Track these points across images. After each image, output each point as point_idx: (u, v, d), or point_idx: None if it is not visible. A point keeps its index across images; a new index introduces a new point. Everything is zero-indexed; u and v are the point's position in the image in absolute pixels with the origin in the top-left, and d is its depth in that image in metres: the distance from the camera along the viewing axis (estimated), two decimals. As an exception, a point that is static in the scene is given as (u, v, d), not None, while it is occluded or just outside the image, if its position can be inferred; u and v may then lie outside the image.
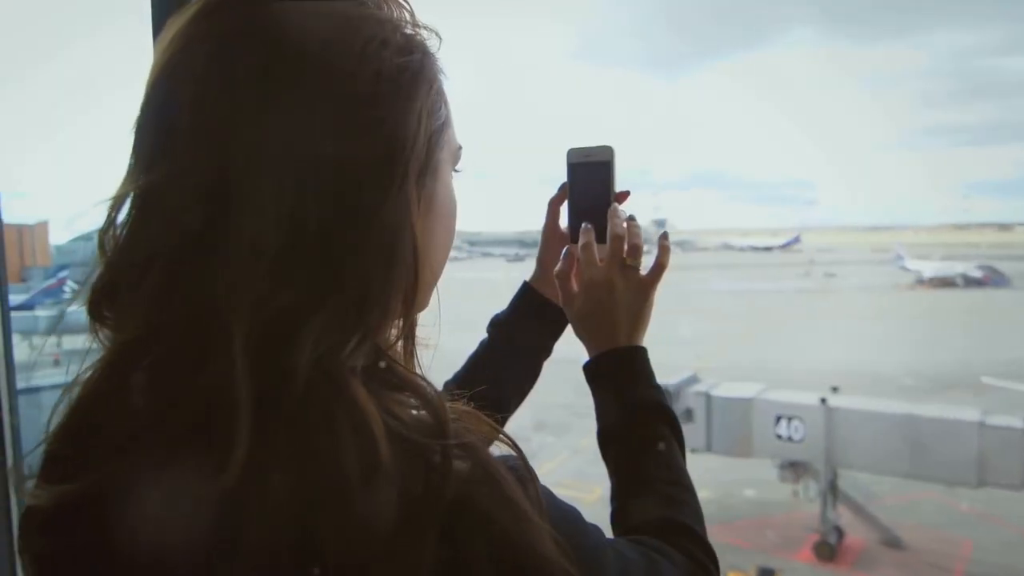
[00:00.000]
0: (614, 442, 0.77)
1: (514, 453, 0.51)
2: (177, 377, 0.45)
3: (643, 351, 0.81)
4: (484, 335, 0.94)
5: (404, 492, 0.42)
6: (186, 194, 0.46)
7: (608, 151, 0.86)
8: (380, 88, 0.48)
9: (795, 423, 11.34)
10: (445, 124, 0.56)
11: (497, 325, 0.94)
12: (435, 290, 0.61)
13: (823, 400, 11.18)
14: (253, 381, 0.42)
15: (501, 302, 0.97)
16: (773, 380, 13.50)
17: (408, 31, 0.52)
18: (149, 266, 0.47)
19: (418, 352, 0.56)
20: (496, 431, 0.51)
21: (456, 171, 0.60)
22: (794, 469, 11.67)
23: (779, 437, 11.47)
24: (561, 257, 0.85)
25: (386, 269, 0.48)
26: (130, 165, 0.50)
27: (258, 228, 0.44)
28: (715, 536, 0.67)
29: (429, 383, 0.50)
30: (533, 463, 0.50)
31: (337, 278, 0.46)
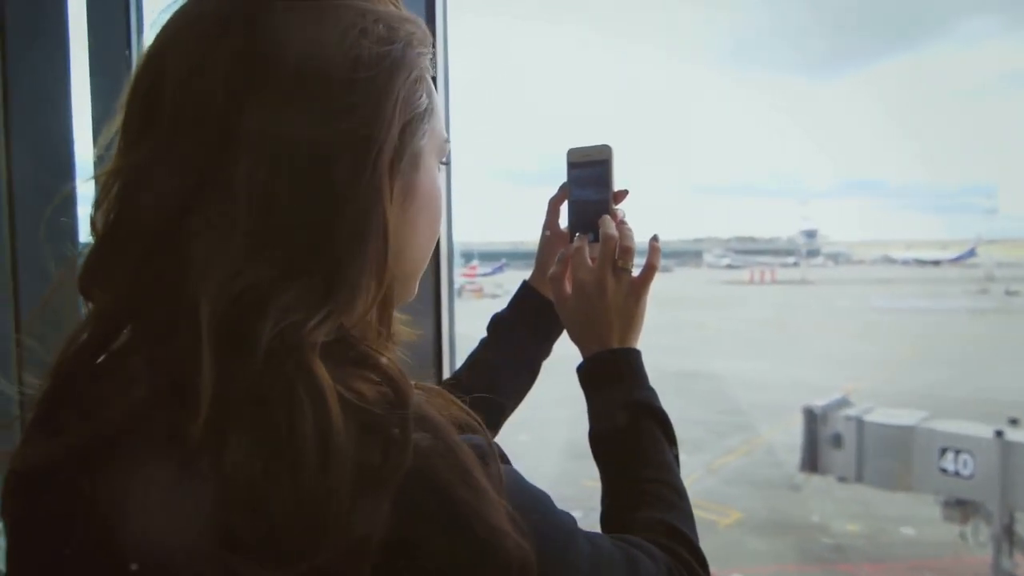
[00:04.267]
0: (604, 443, 0.77)
1: (478, 433, 0.51)
2: (148, 348, 0.48)
3: (636, 353, 0.82)
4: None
5: (361, 462, 0.43)
6: (164, 172, 0.48)
7: (607, 150, 0.88)
8: (357, 75, 0.50)
9: (964, 457, 10.25)
10: (427, 114, 0.57)
11: (497, 324, 0.94)
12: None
13: (999, 433, 10.00)
14: (218, 352, 0.44)
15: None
16: (939, 408, 12.28)
17: (393, 24, 0.54)
18: (130, 243, 0.50)
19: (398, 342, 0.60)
20: (463, 411, 0.52)
21: (444, 163, 0.62)
22: (961, 508, 10.54)
23: (944, 471, 10.42)
24: (557, 260, 0.87)
25: (355, 252, 0.50)
26: (119, 145, 0.53)
27: (229, 206, 0.46)
28: (866, 576, 0.61)
29: (393, 361, 0.50)
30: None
31: (306, 258, 0.48)
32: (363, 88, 0.50)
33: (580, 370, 0.82)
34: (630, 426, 0.76)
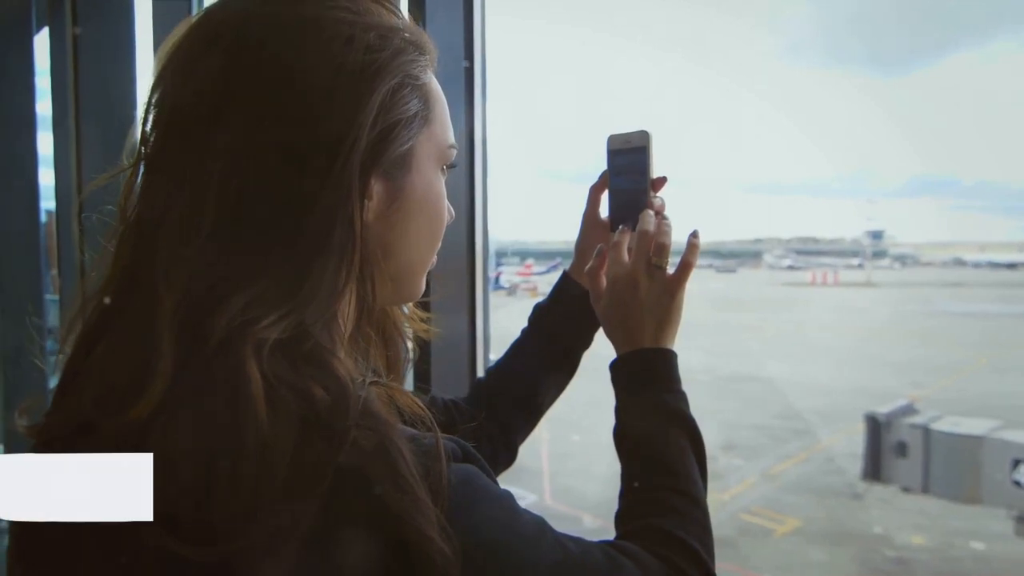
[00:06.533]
0: (625, 444, 0.75)
1: (430, 432, 0.52)
2: (120, 333, 0.51)
3: (669, 354, 0.78)
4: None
5: (297, 456, 0.45)
6: (155, 176, 0.54)
7: (644, 136, 0.85)
8: (338, 82, 0.52)
9: (1039, 470, 9.78)
10: (418, 119, 0.58)
11: (537, 313, 0.94)
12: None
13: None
14: (177, 340, 0.47)
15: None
16: (1013, 418, 11.69)
17: (387, 33, 0.56)
18: (124, 236, 0.55)
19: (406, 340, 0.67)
20: (420, 408, 0.53)
21: (450, 167, 0.64)
22: (1036, 524, 10.07)
23: (1017, 484, 9.98)
24: (595, 254, 0.85)
25: (319, 253, 0.51)
26: (138, 148, 0.57)
27: (199, 207, 0.50)
28: (933, 592, 0.57)
29: (345, 363, 0.51)
30: (717, 485, 0.43)
31: (270, 259, 0.50)
32: (340, 96, 0.52)
33: (611, 367, 0.80)
34: (653, 430, 0.74)
